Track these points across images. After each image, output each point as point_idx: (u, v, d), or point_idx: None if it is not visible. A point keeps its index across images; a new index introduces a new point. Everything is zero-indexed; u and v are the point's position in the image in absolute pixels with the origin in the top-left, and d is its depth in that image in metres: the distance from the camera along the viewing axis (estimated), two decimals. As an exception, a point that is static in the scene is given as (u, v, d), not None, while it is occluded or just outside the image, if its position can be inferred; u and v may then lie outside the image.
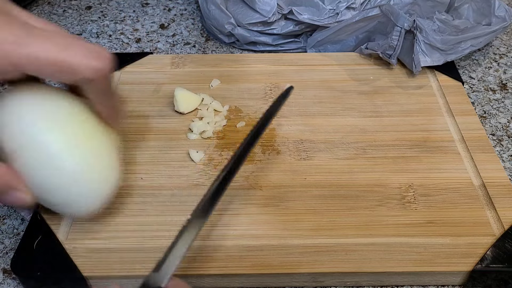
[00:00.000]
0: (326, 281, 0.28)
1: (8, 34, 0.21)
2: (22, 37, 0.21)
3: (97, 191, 0.26)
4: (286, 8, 0.43)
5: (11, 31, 0.21)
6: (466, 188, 0.32)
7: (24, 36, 0.21)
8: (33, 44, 0.21)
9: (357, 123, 0.37)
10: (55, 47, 0.22)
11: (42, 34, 0.22)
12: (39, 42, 0.21)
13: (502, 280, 0.28)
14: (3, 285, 0.29)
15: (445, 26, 0.41)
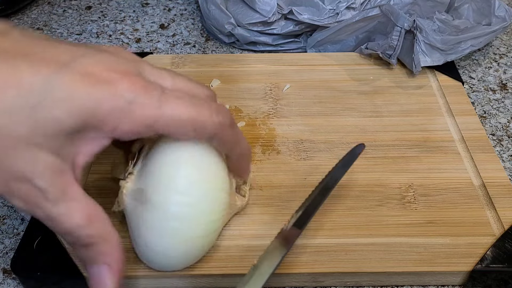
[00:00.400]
0: (326, 281, 0.28)
1: (144, 98, 0.22)
2: (157, 100, 0.22)
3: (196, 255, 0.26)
4: (286, 8, 0.43)
5: (146, 94, 0.22)
6: (466, 188, 0.32)
7: (158, 98, 0.22)
8: (167, 105, 0.22)
9: (357, 123, 0.37)
10: (187, 107, 0.23)
11: (174, 95, 0.23)
12: (173, 103, 0.22)
13: (502, 280, 0.28)
14: (3, 285, 0.29)
15: (445, 26, 0.41)
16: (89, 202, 0.22)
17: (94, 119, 0.21)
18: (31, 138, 0.20)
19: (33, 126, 0.20)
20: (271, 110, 0.38)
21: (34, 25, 0.51)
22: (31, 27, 0.51)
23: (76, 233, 0.22)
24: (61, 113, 0.20)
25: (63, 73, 0.20)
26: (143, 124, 0.22)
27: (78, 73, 0.21)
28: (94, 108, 0.21)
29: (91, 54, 0.22)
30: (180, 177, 0.24)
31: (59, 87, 0.20)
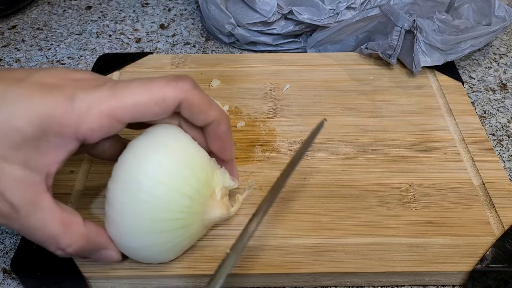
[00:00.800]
0: (326, 281, 0.28)
1: (97, 93, 0.22)
2: (111, 89, 0.23)
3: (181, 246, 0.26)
4: (286, 8, 0.43)
5: (98, 89, 0.22)
6: (466, 188, 0.32)
7: (111, 88, 0.23)
8: (122, 92, 0.23)
9: (357, 123, 0.37)
10: (141, 86, 0.23)
11: (126, 83, 0.23)
12: (126, 88, 0.23)
13: (502, 280, 0.28)
14: (3, 285, 0.29)
15: (445, 26, 0.41)
16: (61, 210, 0.23)
17: (54, 124, 0.21)
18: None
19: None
20: (271, 110, 0.38)
21: (34, 25, 0.51)
22: (31, 27, 0.51)
23: (54, 243, 0.23)
24: (20, 123, 0.21)
25: (18, 86, 0.21)
26: (103, 116, 0.22)
27: (32, 85, 0.21)
28: (51, 113, 0.21)
29: (46, 69, 0.23)
30: (144, 170, 0.24)
31: (15, 98, 0.21)
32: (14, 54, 0.47)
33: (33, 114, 0.21)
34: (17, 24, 0.51)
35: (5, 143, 0.21)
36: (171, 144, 0.25)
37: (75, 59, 0.46)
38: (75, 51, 0.47)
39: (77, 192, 0.32)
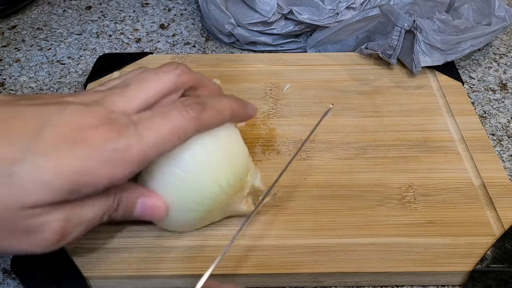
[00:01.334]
0: (326, 281, 0.28)
1: (123, 140, 0.22)
2: (135, 134, 0.22)
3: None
4: (286, 8, 0.43)
5: (123, 135, 0.22)
6: (466, 188, 0.32)
7: (135, 132, 0.23)
8: (146, 134, 0.23)
9: (357, 123, 0.37)
10: (162, 124, 0.24)
11: (145, 119, 0.23)
12: (149, 128, 0.23)
13: (502, 280, 0.28)
14: (3, 285, 0.29)
15: (445, 26, 0.41)
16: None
17: (86, 177, 0.21)
18: (23, 205, 0.20)
19: (21, 194, 0.20)
20: (271, 110, 0.38)
21: (34, 25, 0.51)
22: (31, 27, 0.51)
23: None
24: (47, 178, 0.20)
25: (38, 141, 0.20)
26: (136, 162, 0.22)
27: (52, 138, 0.21)
28: (82, 167, 0.21)
29: (58, 113, 0.22)
30: (188, 148, 0.25)
31: (38, 153, 0.20)
32: (14, 54, 0.47)
33: (64, 169, 0.20)
34: (17, 24, 0.51)
35: (32, 196, 0.20)
36: (220, 135, 0.26)
37: (75, 59, 0.46)
38: (75, 51, 0.47)
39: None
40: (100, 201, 0.23)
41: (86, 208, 0.23)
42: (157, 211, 0.26)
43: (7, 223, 0.21)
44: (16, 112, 0.21)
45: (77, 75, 0.45)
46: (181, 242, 0.29)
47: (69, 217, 0.22)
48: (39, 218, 0.21)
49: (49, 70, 0.45)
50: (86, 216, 0.23)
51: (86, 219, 0.23)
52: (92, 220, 0.23)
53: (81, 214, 0.23)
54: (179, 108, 0.24)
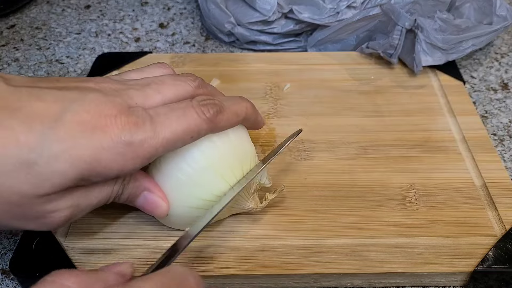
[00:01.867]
0: (327, 282, 0.28)
1: (139, 134, 0.22)
2: (151, 129, 0.23)
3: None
4: (286, 7, 0.43)
5: (140, 130, 0.22)
6: (467, 188, 0.32)
7: (151, 128, 0.23)
8: (161, 130, 0.23)
9: (358, 122, 0.37)
10: (177, 122, 0.24)
11: (162, 115, 0.23)
12: (164, 126, 0.23)
13: (504, 281, 0.28)
14: (2, 285, 0.29)
15: (446, 25, 0.40)
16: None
17: (98, 167, 0.21)
18: (39, 193, 0.21)
19: (37, 183, 0.20)
20: (271, 109, 0.38)
21: (33, 25, 0.51)
22: (29, 27, 0.51)
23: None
24: (62, 167, 0.21)
25: (57, 127, 0.21)
26: (147, 157, 0.23)
27: (71, 124, 0.21)
28: (95, 157, 0.21)
29: (79, 99, 0.22)
30: (192, 152, 0.25)
31: (55, 141, 0.20)
32: (12, 54, 0.47)
33: (75, 157, 0.21)
34: (16, 24, 0.51)
35: (49, 184, 0.21)
36: (228, 132, 0.27)
37: (74, 59, 0.46)
38: (74, 51, 0.47)
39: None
40: (108, 187, 0.24)
41: (93, 194, 0.23)
42: (157, 208, 0.26)
43: (20, 208, 0.21)
44: (36, 95, 0.21)
45: (76, 74, 0.45)
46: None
47: (77, 202, 0.23)
48: (50, 205, 0.21)
49: (48, 70, 0.45)
50: (93, 201, 0.23)
51: (93, 203, 0.24)
52: (98, 204, 0.24)
53: (89, 198, 0.23)
54: (196, 107, 0.24)
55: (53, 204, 0.22)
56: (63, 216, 0.22)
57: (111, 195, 0.24)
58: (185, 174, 0.26)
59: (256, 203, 0.29)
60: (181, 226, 0.28)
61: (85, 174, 0.21)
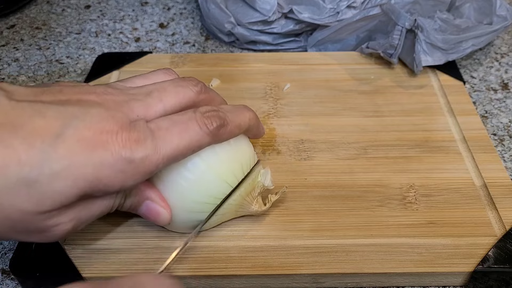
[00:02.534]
0: (327, 282, 0.28)
1: (140, 151, 0.22)
2: (152, 146, 0.23)
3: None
4: (286, 7, 0.43)
5: (141, 147, 0.22)
6: (467, 188, 0.32)
7: (152, 144, 0.23)
8: (162, 146, 0.23)
9: (358, 122, 0.37)
10: (178, 137, 0.24)
11: (163, 129, 0.23)
12: (166, 141, 0.23)
13: (504, 281, 0.28)
14: (2, 285, 0.29)
15: (447, 25, 0.40)
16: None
17: (100, 184, 0.22)
18: (40, 210, 0.21)
19: (38, 201, 0.20)
20: (271, 109, 0.38)
21: (33, 24, 0.51)
22: (29, 26, 0.50)
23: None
24: (63, 185, 0.21)
25: (57, 144, 0.21)
26: (147, 173, 0.23)
27: (72, 141, 0.21)
28: (96, 175, 0.21)
29: (81, 115, 0.22)
30: (191, 160, 0.26)
31: (56, 159, 0.20)
32: (12, 54, 0.47)
33: (76, 175, 0.21)
34: (16, 23, 0.51)
35: (49, 202, 0.21)
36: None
37: (74, 59, 0.46)
38: (74, 50, 0.47)
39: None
40: (110, 200, 0.24)
41: (95, 206, 0.23)
42: (159, 216, 0.26)
43: (22, 224, 0.21)
44: (38, 111, 0.21)
45: (76, 74, 0.44)
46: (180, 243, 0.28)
47: (79, 215, 0.23)
48: (52, 220, 0.22)
49: (48, 70, 0.45)
50: (95, 213, 0.24)
51: (95, 215, 0.24)
52: (100, 215, 0.24)
53: (91, 211, 0.23)
54: (199, 120, 0.24)
55: (54, 219, 0.22)
56: (65, 229, 0.22)
57: (113, 206, 0.24)
58: (186, 180, 0.26)
59: (260, 206, 0.29)
60: (184, 230, 0.28)
61: (86, 191, 0.21)
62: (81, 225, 0.23)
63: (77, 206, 0.22)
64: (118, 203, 0.25)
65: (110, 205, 0.24)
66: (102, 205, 0.24)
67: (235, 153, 0.27)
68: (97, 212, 0.24)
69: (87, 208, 0.23)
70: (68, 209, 0.22)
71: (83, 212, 0.23)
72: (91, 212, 0.23)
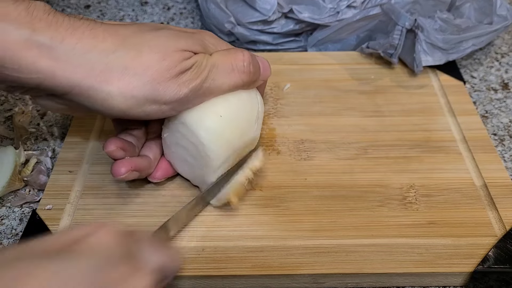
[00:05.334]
0: (327, 282, 0.28)
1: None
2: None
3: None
4: (286, 6, 0.43)
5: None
6: (467, 188, 0.32)
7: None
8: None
9: (358, 122, 0.37)
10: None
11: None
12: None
13: (504, 281, 0.28)
14: (2, 286, 0.29)
15: (447, 25, 0.40)
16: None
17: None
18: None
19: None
20: (271, 109, 0.38)
21: (33, 24, 0.51)
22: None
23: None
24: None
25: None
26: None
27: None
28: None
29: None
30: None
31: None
32: (12, 53, 0.47)
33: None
34: (16, 23, 0.51)
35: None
36: (229, 98, 0.28)
37: (74, 58, 0.46)
38: (74, 50, 0.47)
39: (76, 193, 0.31)
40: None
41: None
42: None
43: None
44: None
45: (76, 74, 0.44)
46: (180, 243, 0.28)
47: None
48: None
49: (48, 69, 0.45)
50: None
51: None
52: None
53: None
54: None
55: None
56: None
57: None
58: (198, 152, 0.28)
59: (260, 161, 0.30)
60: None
61: None
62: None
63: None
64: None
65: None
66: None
67: (236, 112, 0.29)
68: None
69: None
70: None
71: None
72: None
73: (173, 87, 0.25)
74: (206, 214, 0.30)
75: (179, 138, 0.29)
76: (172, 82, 0.25)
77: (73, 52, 0.24)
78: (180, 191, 0.31)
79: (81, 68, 0.24)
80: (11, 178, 0.32)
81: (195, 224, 0.30)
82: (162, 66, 0.25)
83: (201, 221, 0.30)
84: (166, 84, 0.25)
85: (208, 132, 0.27)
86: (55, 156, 0.36)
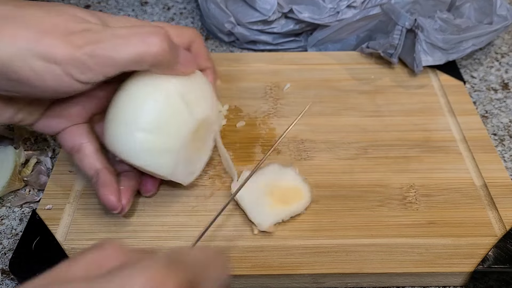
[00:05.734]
0: (327, 282, 0.28)
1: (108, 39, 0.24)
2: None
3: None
4: (286, 6, 0.43)
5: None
6: (467, 188, 0.32)
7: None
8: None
9: (358, 122, 0.37)
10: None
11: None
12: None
13: (504, 281, 0.28)
14: (2, 285, 0.29)
15: (447, 25, 0.40)
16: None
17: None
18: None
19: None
20: (271, 109, 0.38)
21: (33, 24, 0.51)
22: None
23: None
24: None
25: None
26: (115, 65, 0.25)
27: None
28: None
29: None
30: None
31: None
32: (12, 53, 0.47)
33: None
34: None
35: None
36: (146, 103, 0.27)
37: (74, 58, 0.46)
38: (74, 50, 0.47)
39: (76, 193, 0.31)
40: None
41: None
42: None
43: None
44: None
45: (76, 74, 0.44)
46: (180, 243, 0.28)
47: None
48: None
49: (48, 69, 0.45)
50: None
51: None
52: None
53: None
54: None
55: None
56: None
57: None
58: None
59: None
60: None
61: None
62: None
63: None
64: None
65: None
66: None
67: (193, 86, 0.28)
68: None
69: None
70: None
71: None
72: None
73: (62, 45, 0.23)
74: (206, 214, 0.30)
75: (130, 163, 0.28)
76: (60, 39, 0.24)
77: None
78: (181, 191, 0.31)
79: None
80: (11, 178, 0.32)
81: (194, 224, 0.30)
82: (50, 20, 0.24)
83: (201, 221, 0.30)
84: (53, 39, 0.23)
85: (142, 160, 0.27)
86: (55, 156, 0.36)
